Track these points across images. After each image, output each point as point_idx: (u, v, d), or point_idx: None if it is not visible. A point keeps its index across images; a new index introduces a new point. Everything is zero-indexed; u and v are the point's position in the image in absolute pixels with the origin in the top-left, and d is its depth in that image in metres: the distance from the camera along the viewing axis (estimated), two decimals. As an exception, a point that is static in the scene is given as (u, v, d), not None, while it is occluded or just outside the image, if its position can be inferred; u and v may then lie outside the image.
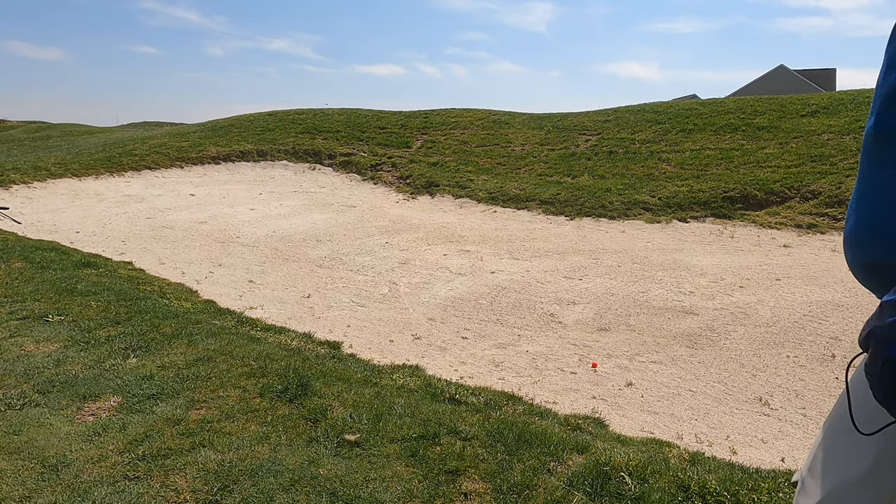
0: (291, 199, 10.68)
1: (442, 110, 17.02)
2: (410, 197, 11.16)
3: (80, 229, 8.03)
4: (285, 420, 2.30)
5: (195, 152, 14.00)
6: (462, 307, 5.12)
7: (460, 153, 13.19)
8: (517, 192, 10.27)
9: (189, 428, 2.22)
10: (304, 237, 7.75)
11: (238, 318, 4.29)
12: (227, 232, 8.03)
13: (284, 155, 14.19)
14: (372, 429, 2.23)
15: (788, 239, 7.33)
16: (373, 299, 5.33)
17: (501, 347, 4.26)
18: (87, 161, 12.89)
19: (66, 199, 10.31)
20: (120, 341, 3.20)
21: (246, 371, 2.79)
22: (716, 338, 4.35)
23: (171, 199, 10.37)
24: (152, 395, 2.52)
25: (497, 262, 6.55)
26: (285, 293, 5.47)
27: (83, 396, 2.51)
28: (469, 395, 2.93)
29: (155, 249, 7.01)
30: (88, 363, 2.90)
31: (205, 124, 18.21)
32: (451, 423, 2.32)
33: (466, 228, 8.40)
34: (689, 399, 3.47)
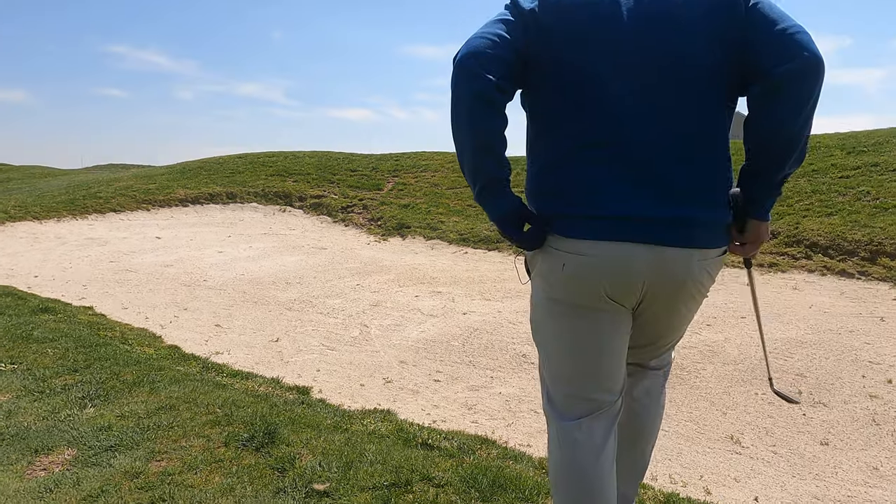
0: (261, 241, 10.57)
1: (413, 153, 17.25)
2: (382, 238, 11.17)
3: (39, 273, 7.77)
4: (251, 470, 2.21)
5: (162, 195, 13.82)
6: (434, 349, 5.07)
7: (431, 195, 13.32)
8: (488, 234, 10.37)
9: (149, 481, 2.12)
10: (274, 280, 7.64)
11: (203, 363, 4.17)
12: (194, 275, 7.87)
13: (254, 197, 14.11)
14: (342, 477, 2.16)
15: (751, 277, 7.53)
16: (343, 342, 5.25)
17: (474, 390, 4.21)
18: (48, 204, 12.60)
19: (25, 242, 10.00)
20: (77, 390, 3.07)
21: (210, 419, 2.69)
22: (686, 376, 4.39)
23: (137, 242, 10.15)
24: (110, 446, 2.40)
25: (469, 304, 6.55)
26: (253, 337, 5.35)
27: (35, 450, 2.38)
28: (442, 439, 2.87)
29: (118, 294, 6.81)
30: (42, 414, 2.77)
31: (173, 166, 18.05)
32: (424, 469, 2.27)
33: (438, 270, 8.41)
34: (661, 439, 3.46)
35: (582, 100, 1.37)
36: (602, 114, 1.36)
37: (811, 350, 4.83)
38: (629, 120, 1.35)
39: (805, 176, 10.42)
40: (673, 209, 1.35)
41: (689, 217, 1.36)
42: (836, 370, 4.41)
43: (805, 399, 3.96)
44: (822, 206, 9.03)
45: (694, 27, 1.33)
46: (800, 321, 5.63)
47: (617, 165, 1.36)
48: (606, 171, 1.36)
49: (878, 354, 4.69)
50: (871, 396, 3.95)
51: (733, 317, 5.85)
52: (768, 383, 2.16)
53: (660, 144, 1.35)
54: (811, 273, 7.50)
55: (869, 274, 7.14)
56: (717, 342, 5.09)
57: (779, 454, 3.28)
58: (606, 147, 1.36)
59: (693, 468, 3.12)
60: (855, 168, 10.18)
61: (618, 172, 1.35)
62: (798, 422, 3.65)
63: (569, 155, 1.40)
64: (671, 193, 1.35)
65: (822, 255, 7.79)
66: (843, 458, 3.23)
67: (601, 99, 1.36)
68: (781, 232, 8.51)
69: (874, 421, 3.63)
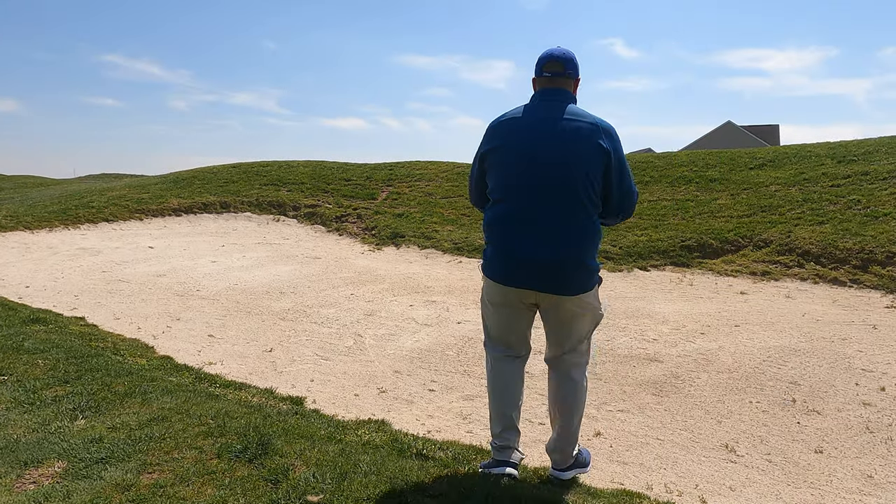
0: (255, 250, 10.54)
1: (407, 163, 17.28)
2: (376, 248, 11.16)
3: (31, 284, 7.71)
4: (244, 482, 2.19)
5: (156, 204, 13.77)
6: (429, 358, 5.06)
7: (425, 204, 13.33)
8: (482, 243, 10.38)
9: (140, 494, 2.09)
10: (268, 289, 7.61)
11: (196, 374, 4.14)
12: (187, 285, 7.83)
13: (248, 207, 14.09)
14: (336, 489, 2.15)
15: (744, 286, 7.56)
16: (337, 352, 5.23)
17: (469, 399, 4.20)
18: (40, 213, 12.53)
19: (16, 252, 9.93)
20: (68, 402, 3.04)
21: (203, 430, 2.66)
22: (680, 385, 4.39)
23: (129, 252, 10.10)
24: (101, 458, 2.37)
25: (463, 313, 6.54)
26: (246, 347, 5.32)
27: (24, 462, 2.35)
28: (437, 449, 2.86)
29: (110, 304, 6.77)
30: (32, 426, 2.74)
31: (166, 176, 18.01)
32: (419, 480, 2.25)
33: (432, 279, 8.40)
34: (657, 448, 3.46)
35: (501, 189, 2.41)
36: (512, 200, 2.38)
37: (804, 358, 4.85)
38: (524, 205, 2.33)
39: (796, 185, 10.51)
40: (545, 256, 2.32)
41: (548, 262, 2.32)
42: (829, 378, 4.42)
43: (799, 407, 3.97)
44: (813, 215, 9.10)
45: (571, 154, 2.27)
46: (793, 329, 5.65)
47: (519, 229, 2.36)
48: (513, 237, 2.35)
49: (871, 362, 4.71)
50: (864, 404, 3.97)
51: (727, 325, 5.87)
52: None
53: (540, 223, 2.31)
54: (804, 281, 7.54)
55: (861, 282, 7.19)
56: (712, 350, 5.10)
57: (774, 462, 3.28)
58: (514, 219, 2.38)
59: (688, 477, 3.12)
60: (845, 177, 10.28)
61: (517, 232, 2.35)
62: (792, 430, 3.66)
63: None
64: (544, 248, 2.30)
65: (815, 263, 7.84)
66: (837, 466, 3.23)
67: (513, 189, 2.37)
68: (773, 241, 8.56)
69: (868, 429, 3.63)
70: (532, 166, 2.29)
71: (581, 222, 2.28)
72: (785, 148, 13.56)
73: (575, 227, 2.28)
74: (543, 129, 2.30)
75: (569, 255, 2.27)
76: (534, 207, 2.28)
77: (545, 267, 2.28)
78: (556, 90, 2.40)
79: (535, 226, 2.28)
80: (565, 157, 2.25)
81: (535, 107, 2.39)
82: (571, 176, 2.24)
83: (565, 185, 2.25)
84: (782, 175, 11.20)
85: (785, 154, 12.46)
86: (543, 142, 2.28)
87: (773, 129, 41.46)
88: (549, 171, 2.26)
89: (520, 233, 2.31)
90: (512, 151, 2.34)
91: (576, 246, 2.28)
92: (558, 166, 2.26)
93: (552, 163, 2.26)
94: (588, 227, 2.31)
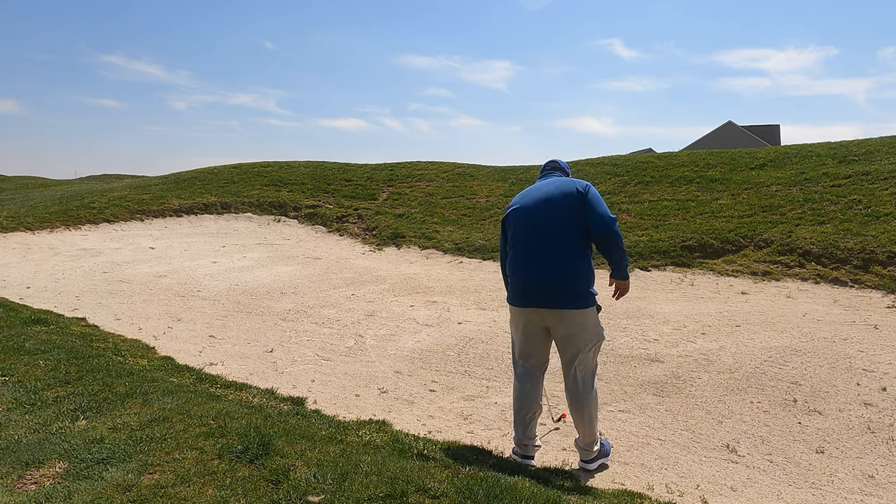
0: (255, 251, 10.55)
1: (408, 163, 17.29)
2: (377, 248, 11.16)
3: (32, 284, 7.72)
4: (245, 482, 2.19)
5: (156, 205, 13.78)
6: (429, 359, 5.06)
7: (426, 205, 13.33)
8: (483, 243, 10.38)
9: (141, 494, 2.09)
10: (268, 290, 7.61)
11: (197, 374, 4.14)
12: (188, 285, 7.83)
13: (249, 207, 14.09)
14: (337, 489, 2.14)
15: (745, 286, 7.56)
16: (338, 352, 5.23)
17: (470, 400, 4.20)
18: (41, 214, 12.54)
19: (17, 253, 9.94)
20: (69, 402, 3.04)
21: (204, 431, 2.66)
22: (681, 385, 4.39)
23: (130, 253, 10.11)
24: (102, 459, 2.37)
25: (464, 313, 6.54)
26: (247, 348, 5.32)
27: (26, 463, 2.35)
28: (437, 450, 2.86)
29: (111, 304, 6.77)
30: (33, 427, 2.74)
31: (167, 177, 18.02)
32: (420, 480, 2.25)
33: (433, 279, 8.40)
34: (658, 448, 3.46)
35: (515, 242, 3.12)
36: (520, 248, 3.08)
37: (806, 358, 4.84)
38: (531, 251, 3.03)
39: (797, 185, 10.50)
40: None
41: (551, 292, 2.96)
42: (830, 378, 4.42)
43: (800, 407, 3.97)
44: (814, 215, 9.09)
45: (557, 202, 3.00)
46: (794, 329, 5.65)
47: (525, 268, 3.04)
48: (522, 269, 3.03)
49: (873, 362, 4.71)
50: (865, 404, 3.96)
51: (728, 325, 5.86)
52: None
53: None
54: (805, 281, 7.53)
55: (862, 282, 7.18)
56: (713, 350, 5.09)
57: (775, 463, 3.27)
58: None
59: (689, 477, 3.12)
60: (846, 177, 10.27)
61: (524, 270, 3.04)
62: (794, 430, 3.65)
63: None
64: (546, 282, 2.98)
65: (816, 263, 7.83)
66: (838, 467, 3.22)
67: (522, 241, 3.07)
68: (774, 241, 8.56)
69: (869, 429, 3.63)
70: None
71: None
72: (786, 148, 13.55)
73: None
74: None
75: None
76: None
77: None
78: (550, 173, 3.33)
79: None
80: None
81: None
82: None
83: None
84: (783, 175, 11.18)
85: (786, 154, 12.45)
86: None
87: (773, 129, 41.42)
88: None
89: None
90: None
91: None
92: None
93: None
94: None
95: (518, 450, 3.17)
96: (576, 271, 2.93)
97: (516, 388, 3.18)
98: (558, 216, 2.95)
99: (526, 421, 3.14)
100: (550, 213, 2.97)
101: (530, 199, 3.10)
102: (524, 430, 3.14)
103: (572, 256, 2.93)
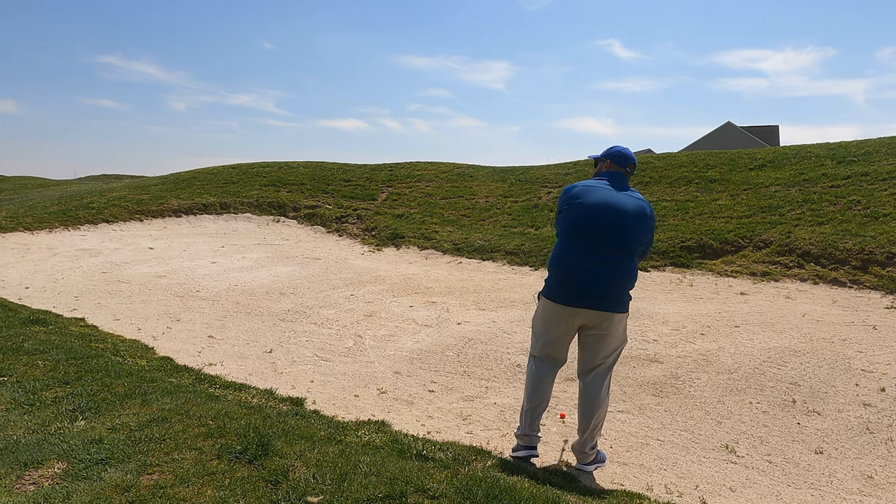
0: (254, 251, 10.54)
1: (407, 163, 17.29)
2: (376, 249, 11.16)
3: (30, 285, 7.71)
4: (244, 483, 2.19)
5: (156, 205, 13.77)
6: (428, 359, 5.05)
7: (425, 205, 13.33)
8: (482, 244, 10.39)
9: (140, 495, 2.09)
10: (267, 290, 7.61)
11: (196, 375, 4.13)
12: (187, 286, 7.83)
13: (248, 207, 14.09)
14: (336, 489, 2.14)
15: (744, 287, 7.56)
16: (337, 353, 5.23)
17: (469, 400, 4.20)
18: (40, 214, 12.52)
19: (16, 253, 9.93)
20: (68, 403, 3.03)
21: (203, 431, 2.66)
22: (680, 385, 4.39)
23: (129, 253, 10.10)
24: (101, 459, 2.37)
25: (463, 314, 6.54)
26: (246, 348, 5.32)
27: (24, 464, 2.35)
28: (437, 450, 2.86)
29: (110, 305, 6.77)
30: (32, 427, 2.73)
31: (166, 177, 18.01)
32: (419, 480, 2.25)
33: (432, 280, 8.40)
34: (657, 448, 3.46)
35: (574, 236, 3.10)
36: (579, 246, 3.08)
37: (804, 359, 4.85)
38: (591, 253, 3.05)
39: (796, 185, 10.51)
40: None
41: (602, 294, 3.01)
42: (829, 379, 4.42)
43: (799, 408, 3.97)
44: (813, 216, 9.10)
45: (632, 220, 3.05)
46: (793, 330, 5.65)
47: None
48: (583, 268, 3.03)
49: (871, 363, 4.71)
50: (864, 405, 3.96)
51: (727, 325, 5.86)
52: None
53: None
54: (803, 282, 7.54)
55: (861, 282, 7.19)
56: (712, 351, 5.10)
57: (774, 463, 3.27)
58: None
59: (688, 478, 3.12)
60: (845, 178, 10.28)
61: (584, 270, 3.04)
62: (792, 430, 3.65)
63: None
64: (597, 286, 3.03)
65: (815, 263, 7.83)
66: (837, 467, 3.23)
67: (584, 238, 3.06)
68: (773, 241, 8.56)
69: (868, 429, 3.63)
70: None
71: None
72: (785, 149, 13.56)
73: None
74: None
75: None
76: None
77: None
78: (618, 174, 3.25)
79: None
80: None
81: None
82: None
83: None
84: (782, 176, 11.19)
85: (785, 155, 12.46)
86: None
87: (772, 129, 41.45)
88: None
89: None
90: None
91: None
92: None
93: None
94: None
95: (522, 442, 3.21)
96: (629, 277, 3.05)
97: (536, 380, 3.19)
98: (629, 233, 3.01)
99: (537, 413, 3.19)
100: (624, 228, 3.00)
101: (605, 203, 3.03)
102: (531, 423, 3.19)
103: (630, 267, 3.05)
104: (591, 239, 3.00)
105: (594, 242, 2.99)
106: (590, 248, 3.00)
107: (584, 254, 3.01)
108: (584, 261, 3.00)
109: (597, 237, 2.99)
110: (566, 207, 3.13)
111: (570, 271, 3.03)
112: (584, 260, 3.00)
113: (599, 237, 2.99)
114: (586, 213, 3.03)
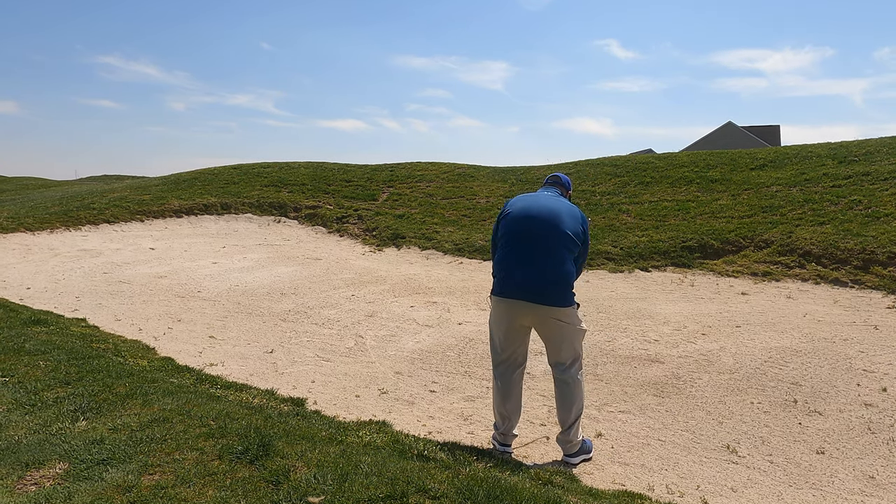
0: (255, 252, 10.55)
1: (408, 164, 17.29)
2: (377, 249, 11.16)
3: (32, 285, 7.72)
4: (245, 483, 2.19)
5: (156, 205, 13.78)
6: (429, 359, 5.05)
7: (426, 205, 13.33)
8: (483, 244, 10.38)
9: (141, 495, 2.09)
10: (268, 291, 7.61)
11: (197, 375, 4.14)
12: (188, 286, 7.83)
13: (249, 208, 14.10)
14: (337, 490, 2.14)
15: (745, 286, 7.55)
16: (338, 353, 5.23)
17: (470, 400, 4.20)
18: (41, 215, 12.54)
19: (17, 253, 9.94)
20: (69, 403, 3.04)
21: (204, 432, 2.66)
22: (682, 385, 4.39)
23: (130, 254, 10.11)
24: (102, 460, 2.37)
25: (464, 314, 6.54)
26: (247, 349, 5.32)
27: (26, 464, 2.35)
28: (438, 450, 2.86)
29: (111, 305, 6.77)
30: (33, 427, 2.74)
31: (167, 177, 18.02)
32: (420, 480, 2.25)
33: (433, 280, 8.40)
34: (658, 448, 3.45)
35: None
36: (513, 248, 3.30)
37: (806, 359, 4.84)
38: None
39: (797, 185, 10.50)
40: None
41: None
42: (830, 379, 4.42)
43: (800, 408, 3.97)
44: (814, 216, 9.09)
45: (564, 221, 3.23)
46: (794, 330, 5.65)
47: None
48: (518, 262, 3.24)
49: (873, 363, 4.71)
50: (866, 405, 3.96)
51: (728, 326, 5.86)
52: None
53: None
54: (805, 282, 7.53)
55: (862, 282, 7.18)
56: (713, 351, 5.09)
57: (775, 463, 3.27)
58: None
59: (690, 478, 3.11)
60: (846, 177, 10.27)
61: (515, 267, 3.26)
62: (794, 430, 3.65)
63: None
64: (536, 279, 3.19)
65: (816, 263, 7.83)
66: (839, 467, 3.22)
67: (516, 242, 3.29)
68: (774, 241, 8.56)
69: (870, 429, 3.63)
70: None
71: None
72: (786, 148, 13.55)
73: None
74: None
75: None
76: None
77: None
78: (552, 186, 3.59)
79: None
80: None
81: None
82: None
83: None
84: (783, 175, 11.18)
85: (786, 154, 12.45)
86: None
87: (773, 129, 41.42)
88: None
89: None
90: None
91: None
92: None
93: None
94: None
95: (502, 439, 3.37)
96: (564, 272, 3.20)
97: (502, 388, 3.34)
98: (561, 233, 3.19)
99: (509, 427, 3.37)
100: (555, 228, 3.18)
101: (536, 208, 3.28)
102: (505, 437, 3.37)
103: (564, 261, 3.21)
104: (524, 236, 3.22)
105: (526, 239, 3.21)
106: (522, 244, 3.22)
107: (519, 250, 3.23)
108: (518, 256, 3.22)
109: (529, 233, 3.21)
110: (502, 218, 3.41)
111: (508, 267, 3.24)
112: (517, 255, 3.22)
113: (533, 233, 3.20)
114: (519, 214, 3.29)
